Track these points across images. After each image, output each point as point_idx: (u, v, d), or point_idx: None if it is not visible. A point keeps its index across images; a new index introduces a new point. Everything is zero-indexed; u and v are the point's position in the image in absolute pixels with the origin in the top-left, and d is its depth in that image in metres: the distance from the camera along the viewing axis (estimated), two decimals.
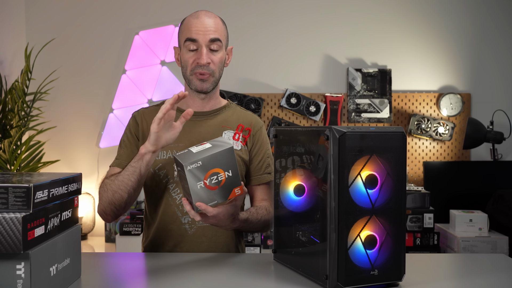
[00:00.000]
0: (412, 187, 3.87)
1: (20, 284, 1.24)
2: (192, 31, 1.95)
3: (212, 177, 1.59)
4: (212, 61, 1.96)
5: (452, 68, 4.33)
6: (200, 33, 1.94)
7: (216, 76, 1.99)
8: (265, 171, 2.06)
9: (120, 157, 2.02)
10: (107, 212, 1.91)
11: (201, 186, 1.58)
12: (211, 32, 1.95)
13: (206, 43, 1.94)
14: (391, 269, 1.50)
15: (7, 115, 3.70)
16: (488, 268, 1.77)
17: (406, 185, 1.76)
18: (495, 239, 3.57)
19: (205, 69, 1.95)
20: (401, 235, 1.51)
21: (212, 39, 1.94)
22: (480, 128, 4.01)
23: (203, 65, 1.94)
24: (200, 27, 1.95)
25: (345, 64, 4.32)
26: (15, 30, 4.18)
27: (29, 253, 1.24)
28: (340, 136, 1.43)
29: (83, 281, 1.56)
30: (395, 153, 1.50)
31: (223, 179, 1.60)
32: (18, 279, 1.24)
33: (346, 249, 1.44)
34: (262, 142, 2.09)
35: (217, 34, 1.96)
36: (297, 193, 1.62)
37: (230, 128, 2.04)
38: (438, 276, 1.69)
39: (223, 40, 1.99)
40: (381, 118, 4.27)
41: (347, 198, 1.44)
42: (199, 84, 1.97)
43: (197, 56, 1.95)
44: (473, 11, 4.31)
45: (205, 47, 1.94)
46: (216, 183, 1.60)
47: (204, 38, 1.94)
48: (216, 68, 1.98)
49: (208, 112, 2.05)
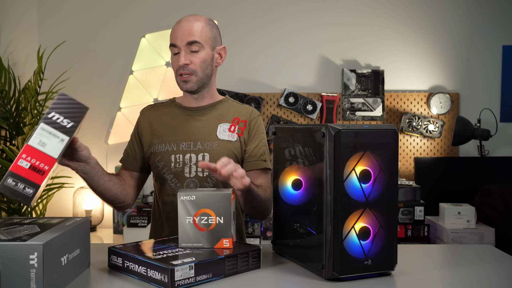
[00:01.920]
0: (404, 181, 3.87)
1: (33, 273, 1.24)
2: (173, 36, 1.97)
3: (202, 216, 1.57)
4: (192, 62, 1.95)
5: (441, 69, 4.33)
6: (178, 38, 1.95)
7: (199, 75, 1.97)
8: (260, 158, 2.02)
9: (124, 153, 2.11)
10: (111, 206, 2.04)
11: (189, 221, 1.57)
12: (188, 35, 1.94)
13: (184, 46, 1.94)
14: (384, 259, 1.50)
15: (21, 114, 3.71)
16: (475, 258, 1.77)
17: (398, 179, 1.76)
18: (482, 231, 3.57)
19: (185, 69, 1.95)
20: (393, 227, 1.52)
21: (189, 41, 1.94)
22: (468, 126, 4.01)
23: (182, 66, 1.94)
24: (178, 32, 1.96)
25: (340, 65, 4.31)
26: (28, 33, 4.18)
27: (41, 244, 1.25)
28: (335, 133, 1.43)
29: (92, 271, 1.56)
30: (387, 149, 1.51)
31: (213, 224, 1.57)
32: (31, 268, 1.24)
33: (341, 240, 1.45)
34: (257, 130, 2.06)
35: (195, 36, 1.95)
36: (295, 187, 1.63)
37: (226, 121, 2.03)
38: (428, 265, 1.69)
39: (203, 41, 1.96)
40: (374, 116, 4.27)
41: (342, 192, 1.44)
42: (183, 85, 1.98)
43: (178, 59, 1.96)
44: (462, 14, 4.31)
45: (183, 50, 1.95)
46: (205, 225, 1.57)
47: (181, 42, 1.94)
48: (197, 68, 1.96)
49: (203, 106, 2.05)
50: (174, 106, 2.08)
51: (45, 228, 1.40)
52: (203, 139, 1.98)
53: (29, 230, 1.38)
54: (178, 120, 2.04)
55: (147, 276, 1.43)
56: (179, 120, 2.04)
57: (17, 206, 3.52)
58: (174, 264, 1.39)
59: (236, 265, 1.51)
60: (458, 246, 2.05)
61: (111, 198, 1.95)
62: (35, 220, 1.52)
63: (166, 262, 1.40)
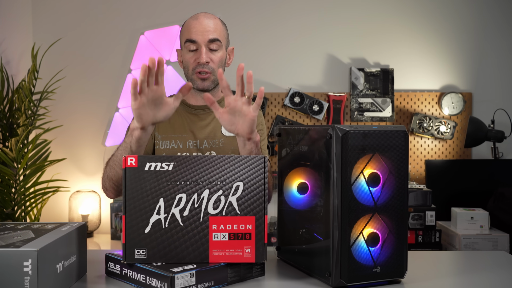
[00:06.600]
0: (414, 185, 3.87)
1: (27, 281, 1.24)
2: (192, 32, 1.99)
3: None
4: (211, 60, 2.00)
5: (453, 68, 4.32)
6: (199, 34, 1.98)
7: (216, 74, 2.01)
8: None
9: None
10: (107, 187, 1.95)
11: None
12: (210, 32, 1.99)
13: (205, 43, 1.99)
14: (393, 266, 1.50)
15: (14, 114, 3.71)
16: (489, 265, 1.76)
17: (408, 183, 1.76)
18: (496, 237, 3.56)
19: (205, 67, 1.99)
20: (403, 232, 1.51)
21: (211, 39, 1.98)
22: (481, 127, 4.00)
23: (203, 64, 1.98)
24: (199, 28, 1.98)
25: (348, 64, 4.31)
26: (22, 30, 4.19)
27: (36, 250, 1.25)
28: (343, 135, 1.43)
29: (88, 278, 1.56)
30: (397, 151, 1.51)
31: None
32: (25, 276, 1.25)
33: (349, 247, 1.44)
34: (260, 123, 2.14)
35: (216, 34, 2.00)
36: (301, 191, 1.63)
37: None
38: (440, 273, 1.69)
39: (222, 40, 2.03)
40: (383, 117, 4.27)
41: (350, 196, 1.44)
42: (200, 83, 2.02)
43: (196, 56, 1.99)
44: (475, 10, 4.30)
45: (204, 47, 1.98)
46: None
47: (203, 39, 1.98)
48: (216, 66, 2.02)
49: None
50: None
51: (40, 234, 1.40)
52: (209, 137, 2.04)
53: (23, 236, 1.38)
54: (183, 118, 2.08)
55: (146, 284, 1.43)
56: (184, 118, 2.08)
57: (11, 211, 3.53)
58: (174, 271, 1.39)
59: (239, 273, 1.51)
60: (471, 252, 2.05)
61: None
62: (29, 226, 1.53)
63: (166, 269, 1.40)
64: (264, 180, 1.49)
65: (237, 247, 1.49)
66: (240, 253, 1.49)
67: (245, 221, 1.48)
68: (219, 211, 1.48)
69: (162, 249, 1.47)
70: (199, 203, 1.48)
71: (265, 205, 1.49)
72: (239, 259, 1.49)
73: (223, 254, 1.48)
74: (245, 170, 1.49)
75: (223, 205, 1.49)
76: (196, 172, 1.48)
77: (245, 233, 1.49)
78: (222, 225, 1.48)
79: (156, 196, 1.47)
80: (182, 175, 1.48)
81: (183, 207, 1.48)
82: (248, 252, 1.49)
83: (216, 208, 1.49)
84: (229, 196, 1.49)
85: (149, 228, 1.47)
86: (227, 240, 1.48)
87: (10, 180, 3.56)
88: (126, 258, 1.47)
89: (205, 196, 1.48)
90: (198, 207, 1.48)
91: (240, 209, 1.48)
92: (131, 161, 1.47)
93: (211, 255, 1.48)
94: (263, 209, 1.49)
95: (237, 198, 1.49)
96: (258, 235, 1.48)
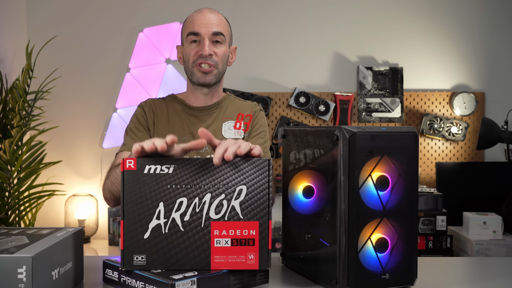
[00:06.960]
0: (424, 188, 3.86)
1: None
2: (195, 24, 1.99)
3: None
4: (215, 53, 1.99)
5: (465, 67, 4.32)
6: (202, 26, 1.98)
7: (220, 69, 2.01)
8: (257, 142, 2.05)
9: (128, 143, 2.03)
10: (108, 199, 1.95)
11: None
12: (214, 25, 1.99)
13: (209, 36, 1.98)
14: (403, 273, 1.50)
15: (8, 115, 3.72)
16: (502, 272, 1.76)
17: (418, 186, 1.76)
18: (510, 242, 3.55)
19: (208, 60, 1.98)
20: (413, 238, 1.51)
21: (215, 32, 1.98)
22: (494, 128, 3.99)
23: (206, 56, 1.97)
24: (203, 21, 1.98)
25: (355, 62, 4.31)
26: (16, 27, 4.20)
27: (30, 256, 1.25)
28: (350, 136, 1.43)
29: (85, 285, 1.56)
30: (406, 153, 1.50)
31: None
32: (19, 283, 1.24)
33: (357, 253, 1.44)
34: (258, 122, 2.11)
35: (220, 28, 2.00)
36: (306, 195, 1.62)
37: (230, 118, 2.08)
38: (451, 280, 1.68)
39: (226, 35, 2.03)
40: (392, 117, 4.27)
41: (357, 200, 1.44)
42: (201, 77, 2.00)
43: (199, 48, 1.98)
44: (487, 8, 4.30)
45: (207, 39, 1.98)
46: None
47: (206, 31, 1.98)
48: (219, 60, 2.00)
49: (210, 106, 2.09)
50: (177, 102, 2.10)
51: (35, 239, 1.40)
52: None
53: (17, 242, 1.38)
54: (183, 120, 2.07)
55: None
56: (184, 120, 2.07)
57: (4, 215, 3.53)
58: (174, 278, 1.38)
59: (242, 280, 1.51)
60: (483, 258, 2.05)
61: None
62: (24, 231, 1.52)
63: (166, 277, 1.40)
64: (268, 183, 1.48)
65: (240, 253, 1.48)
66: (243, 259, 1.48)
67: (249, 226, 1.48)
68: (221, 215, 1.48)
69: (162, 255, 1.47)
70: (200, 208, 1.47)
71: (269, 210, 1.49)
72: (242, 266, 1.49)
73: (226, 261, 1.48)
74: (248, 173, 1.48)
75: (226, 210, 1.48)
76: (198, 175, 1.48)
77: (248, 238, 1.48)
78: (225, 230, 1.48)
79: (156, 200, 1.47)
80: (183, 178, 1.47)
81: (184, 211, 1.47)
82: (252, 258, 1.48)
83: (218, 213, 1.48)
84: (231, 200, 1.48)
85: (149, 234, 1.46)
86: (230, 246, 1.48)
87: (3, 184, 3.56)
88: (125, 265, 1.47)
89: (207, 200, 1.48)
90: (199, 212, 1.47)
91: (243, 214, 1.48)
92: (130, 163, 1.46)
93: (213, 261, 1.47)
94: (267, 214, 1.48)
95: (240, 202, 1.48)
96: (262, 241, 1.48)
